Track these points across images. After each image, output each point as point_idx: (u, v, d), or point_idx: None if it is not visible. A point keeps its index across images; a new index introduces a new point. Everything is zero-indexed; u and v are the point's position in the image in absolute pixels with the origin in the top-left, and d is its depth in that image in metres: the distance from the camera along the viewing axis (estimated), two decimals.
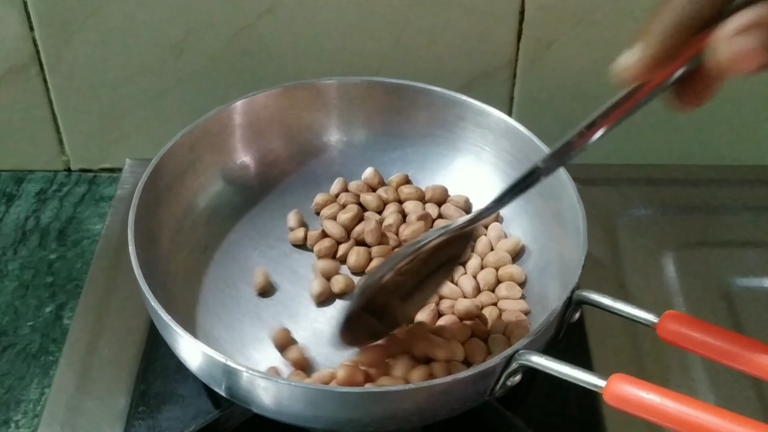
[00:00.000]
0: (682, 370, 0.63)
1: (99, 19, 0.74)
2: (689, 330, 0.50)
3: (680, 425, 0.44)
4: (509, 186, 0.50)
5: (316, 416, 0.52)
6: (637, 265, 0.71)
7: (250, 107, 0.69)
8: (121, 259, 0.70)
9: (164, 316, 0.53)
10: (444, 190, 0.70)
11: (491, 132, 0.68)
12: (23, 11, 0.73)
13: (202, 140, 0.67)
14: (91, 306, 0.68)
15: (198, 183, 0.68)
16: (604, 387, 0.47)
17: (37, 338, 0.68)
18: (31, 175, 0.82)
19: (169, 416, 0.60)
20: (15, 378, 0.65)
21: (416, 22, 0.74)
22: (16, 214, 0.78)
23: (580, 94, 0.78)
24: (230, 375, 0.52)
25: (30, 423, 0.62)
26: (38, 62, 0.76)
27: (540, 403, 0.61)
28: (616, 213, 0.76)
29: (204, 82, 0.77)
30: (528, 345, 0.52)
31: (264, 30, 0.75)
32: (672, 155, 0.81)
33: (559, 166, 0.49)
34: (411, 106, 0.70)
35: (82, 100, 0.79)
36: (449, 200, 0.70)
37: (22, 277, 0.72)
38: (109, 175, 0.82)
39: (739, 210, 0.76)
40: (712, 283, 0.70)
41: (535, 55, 0.76)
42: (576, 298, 0.55)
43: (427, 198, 0.70)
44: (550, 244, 0.64)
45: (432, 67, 0.77)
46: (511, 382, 0.52)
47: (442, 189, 0.70)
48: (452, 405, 0.53)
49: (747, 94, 0.78)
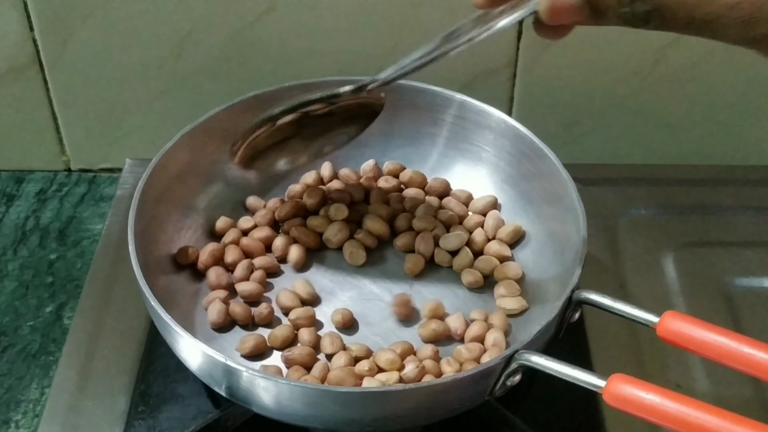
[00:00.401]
0: (683, 369, 0.63)
1: (99, 19, 0.74)
2: (689, 330, 0.50)
3: (679, 425, 0.44)
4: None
5: (315, 416, 0.52)
6: (637, 265, 0.71)
7: (251, 106, 0.69)
8: (121, 259, 0.70)
9: (164, 316, 0.53)
10: (446, 184, 0.71)
11: (491, 132, 0.68)
12: (23, 11, 0.73)
13: (201, 140, 0.67)
14: (91, 306, 0.68)
15: (198, 182, 0.68)
16: (604, 387, 0.47)
17: (37, 338, 0.68)
18: (31, 175, 0.82)
19: (169, 416, 0.60)
20: (15, 378, 0.65)
21: (416, 22, 0.74)
22: (16, 214, 0.78)
23: (580, 94, 0.78)
24: (230, 375, 0.52)
25: (30, 423, 0.62)
26: (38, 62, 0.76)
27: (540, 403, 0.61)
28: (616, 213, 0.76)
29: (204, 82, 0.77)
30: (528, 345, 0.52)
31: (264, 30, 0.75)
32: (672, 155, 0.81)
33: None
34: (412, 106, 0.70)
35: (82, 100, 0.79)
36: (451, 193, 0.71)
37: (22, 277, 0.72)
38: (109, 175, 0.82)
39: (739, 210, 0.76)
40: (712, 283, 0.70)
41: (535, 55, 0.76)
42: (576, 298, 0.55)
43: (429, 188, 0.71)
44: (550, 243, 0.64)
45: (432, 67, 0.76)
46: (511, 382, 0.52)
47: (444, 181, 0.71)
48: (452, 405, 0.53)
49: (746, 95, 0.78)
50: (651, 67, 0.76)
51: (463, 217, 0.68)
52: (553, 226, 0.64)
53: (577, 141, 0.80)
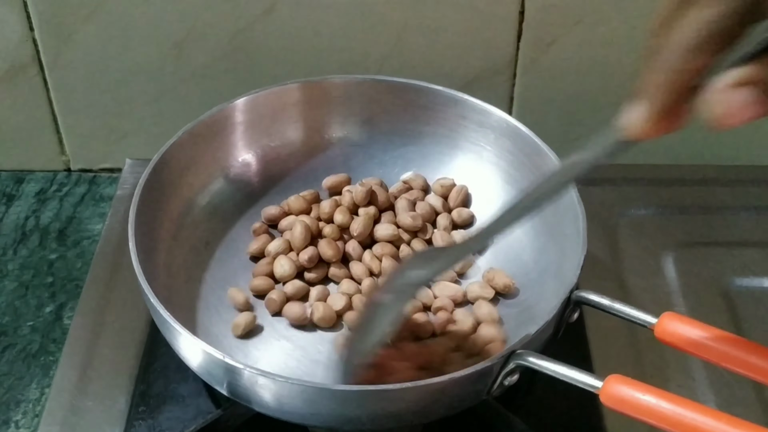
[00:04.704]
0: (682, 370, 0.63)
1: (99, 19, 0.74)
2: (687, 331, 0.50)
3: (676, 427, 0.44)
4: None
5: (315, 414, 0.52)
6: (637, 265, 0.71)
7: (252, 105, 0.69)
8: (121, 259, 0.70)
9: (164, 314, 0.53)
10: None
11: (492, 131, 0.68)
12: (23, 11, 0.73)
13: (203, 138, 0.67)
14: (91, 306, 0.68)
15: (199, 181, 0.68)
16: (601, 388, 0.47)
17: (37, 338, 0.68)
18: (31, 175, 0.82)
19: (169, 416, 0.60)
20: (15, 378, 0.65)
21: (416, 22, 0.74)
22: (16, 214, 0.78)
23: (580, 94, 0.78)
24: (230, 373, 0.52)
25: (30, 423, 0.62)
26: (38, 62, 0.76)
27: (540, 403, 0.61)
28: (616, 213, 0.76)
29: (204, 81, 0.77)
30: (526, 345, 0.52)
31: (264, 30, 0.75)
32: (672, 155, 0.81)
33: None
34: (412, 105, 0.70)
35: (82, 100, 0.79)
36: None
37: (22, 277, 0.73)
38: (109, 175, 0.82)
39: (739, 210, 0.76)
40: (712, 283, 0.70)
41: (535, 55, 0.76)
42: (574, 298, 0.55)
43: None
44: (549, 243, 0.64)
45: (432, 67, 0.77)
46: (509, 381, 0.52)
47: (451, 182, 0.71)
48: (450, 404, 0.53)
49: None
50: None
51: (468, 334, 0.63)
52: (553, 225, 0.64)
53: (576, 141, 0.80)
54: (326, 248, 0.65)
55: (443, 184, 0.70)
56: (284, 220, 0.68)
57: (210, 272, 0.65)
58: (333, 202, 0.68)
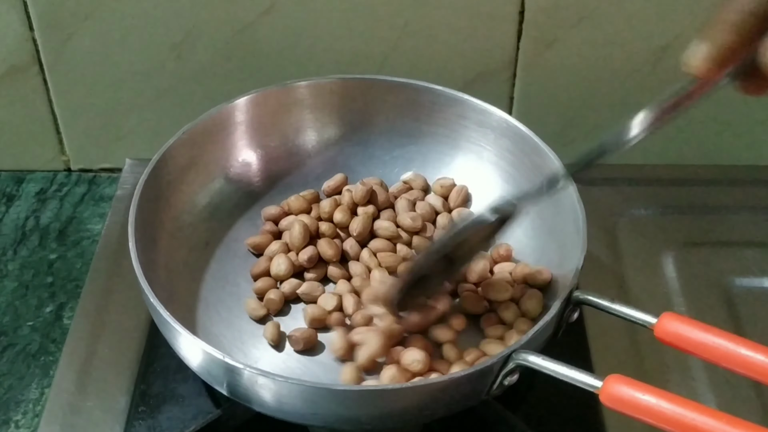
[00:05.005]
0: (682, 370, 0.63)
1: (99, 19, 0.74)
2: (687, 331, 0.50)
3: (676, 427, 0.44)
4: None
5: (315, 414, 0.52)
6: (637, 265, 0.71)
7: (252, 105, 0.69)
8: (121, 259, 0.70)
9: (164, 314, 0.53)
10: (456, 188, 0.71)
11: (493, 131, 0.68)
12: (23, 11, 0.73)
13: (203, 138, 0.67)
14: (91, 306, 0.68)
15: (199, 180, 0.68)
16: (600, 387, 0.47)
17: (37, 338, 0.68)
18: (31, 175, 0.82)
19: (169, 416, 0.60)
20: (15, 378, 0.65)
21: (416, 22, 0.74)
22: (16, 214, 0.78)
23: (580, 94, 0.78)
24: (230, 373, 0.52)
25: (30, 423, 0.62)
26: (38, 62, 0.76)
27: (540, 403, 0.61)
28: (616, 213, 0.76)
29: (204, 82, 0.77)
30: (525, 345, 0.52)
31: (264, 30, 0.75)
32: (672, 155, 0.81)
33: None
34: (413, 105, 0.70)
35: (82, 100, 0.79)
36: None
37: (22, 277, 0.73)
38: (109, 175, 0.82)
39: (739, 210, 0.76)
40: (712, 283, 0.70)
41: (535, 55, 0.76)
42: (574, 298, 0.55)
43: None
44: (549, 243, 0.64)
45: (432, 66, 0.77)
46: (509, 381, 0.52)
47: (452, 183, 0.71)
48: (449, 403, 0.53)
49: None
50: (651, 67, 0.76)
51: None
52: (553, 225, 0.64)
53: (576, 141, 0.80)
54: (326, 248, 0.65)
55: (443, 184, 0.70)
56: (284, 220, 0.68)
57: (210, 272, 0.65)
58: (333, 202, 0.68)
